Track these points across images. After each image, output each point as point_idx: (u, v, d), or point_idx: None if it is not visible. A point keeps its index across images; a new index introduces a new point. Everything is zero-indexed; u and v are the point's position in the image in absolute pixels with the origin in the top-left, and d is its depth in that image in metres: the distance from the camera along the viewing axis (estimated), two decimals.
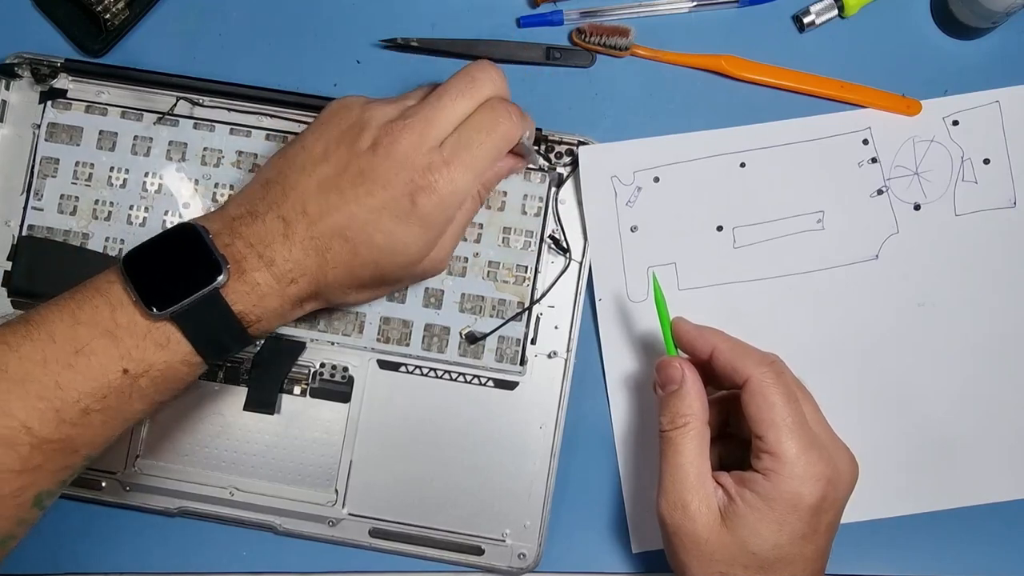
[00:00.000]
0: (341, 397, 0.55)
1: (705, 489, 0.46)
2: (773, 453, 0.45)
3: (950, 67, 0.57)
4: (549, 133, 0.55)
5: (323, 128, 0.47)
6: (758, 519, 0.44)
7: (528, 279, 0.55)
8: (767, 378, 0.46)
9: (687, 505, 0.45)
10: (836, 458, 0.46)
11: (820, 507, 0.45)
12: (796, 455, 0.44)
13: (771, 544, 0.44)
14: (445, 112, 0.46)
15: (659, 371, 0.49)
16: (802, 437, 0.45)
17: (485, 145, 0.46)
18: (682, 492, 0.46)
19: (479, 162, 0.46)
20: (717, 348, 0.48)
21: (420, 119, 0.45)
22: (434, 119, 0.45)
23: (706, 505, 0.45)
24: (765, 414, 0.45)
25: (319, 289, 0.46)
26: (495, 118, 0.46)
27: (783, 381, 0.46)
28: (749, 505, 0.45)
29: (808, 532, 0.45)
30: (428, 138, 0.45)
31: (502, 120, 0.46)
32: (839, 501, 0.46)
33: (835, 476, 0.45)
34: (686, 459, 0.46)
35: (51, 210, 0.56)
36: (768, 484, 0.45)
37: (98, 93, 0.56)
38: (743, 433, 0.48)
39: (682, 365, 0.48)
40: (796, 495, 0.44)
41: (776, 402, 0.45)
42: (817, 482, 0.44)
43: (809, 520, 0.44)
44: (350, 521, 0.54)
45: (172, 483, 0.54)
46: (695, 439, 0.46)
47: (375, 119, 0.46)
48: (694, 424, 0.47)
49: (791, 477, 0.44)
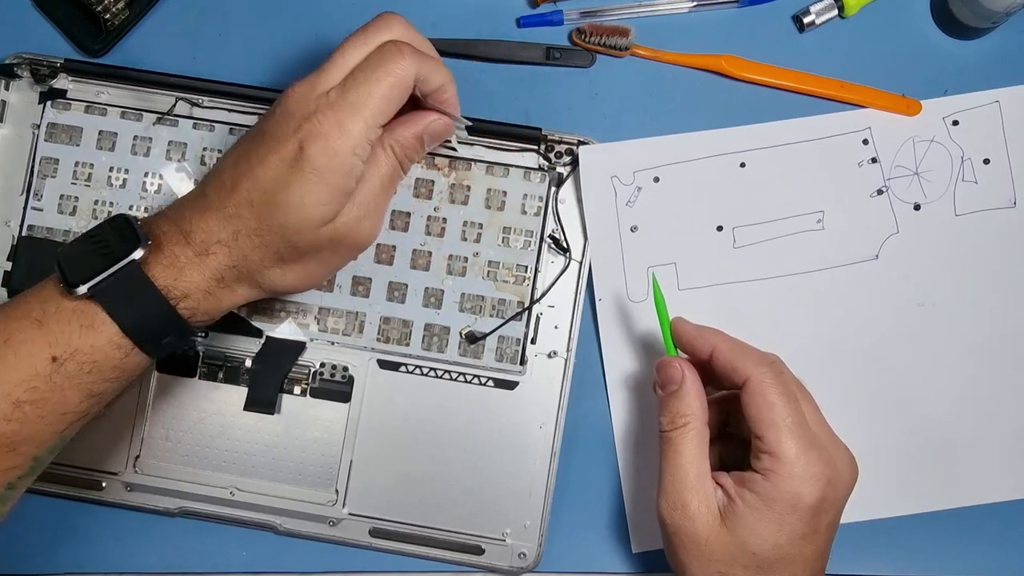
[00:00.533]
0: (341, 397, 0.55)
1: (705, 489, 0.46)
2: (772, 453, 0.45)
3: (950, 67, 0.57)
4: (549, 133, 0.55)
5: None
6: (758, 519, 0.44)
7: (528, 279, 0.55)
8: (767, 378, 0.46)
9: (687, 505, 0.45)
10: (836, 458, 0.46)
11: (820, 507, 0.45)
12: (795, 455, 0.44)
13: (771, 544, 0.44)
14: (335, 60, 0.44)
15: (659, 371, 0.49)
16: (802, 437, 0.45)
17: (371, 85, 0.43)
18: (682, 492, 0.46)
19: (367, 102, 0.43)
20: (717, 348, 0.48)
21: (314, 72, 0.44)
22: (325, 68, 0.44)
23: (706, 505, 0.45)
24: (764, 414, 0.45)
25: (239, 263, 0.44)
26: (383, 58, 0.44)
27: (783, 381, 0.46)
28: (748, 505, 0.45)
29: (808, 532, 0.45)
30: (316, 87, 0.44)
31: (391, 59, 0.43)
32: (839, 501, 0.46)
33: (835, 476, 0.45)
34: (686, 459, 0.46)
35: (51, 210, 0.56)
36: (768, 484, 0.45)
37: (98, 93, 0.56)
38: (743, 433, 0.48)
39: (682, 365, 0.48)
40: (795, 495, 0.44)
41: (776, 402, 0.45)
42: (816, 482, 0.44)
43: (809, 520, 0.45)
44: (350, 521, 0.54)
45: (173, 483, 0.54)
46: (695, 439, 0.46)
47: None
48: (694, 424, 0.47)
49: (790, 477, 0.44)
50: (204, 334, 0.55)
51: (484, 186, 0.55)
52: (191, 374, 0.55)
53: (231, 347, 0.55)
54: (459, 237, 0.55)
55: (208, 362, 0.55)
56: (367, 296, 0.55)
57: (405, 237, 0.55)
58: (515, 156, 0.56)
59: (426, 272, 0.55)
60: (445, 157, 0.56)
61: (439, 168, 0.56)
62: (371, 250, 0.55)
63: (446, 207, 0.55)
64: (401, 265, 0.55)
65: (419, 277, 0.55)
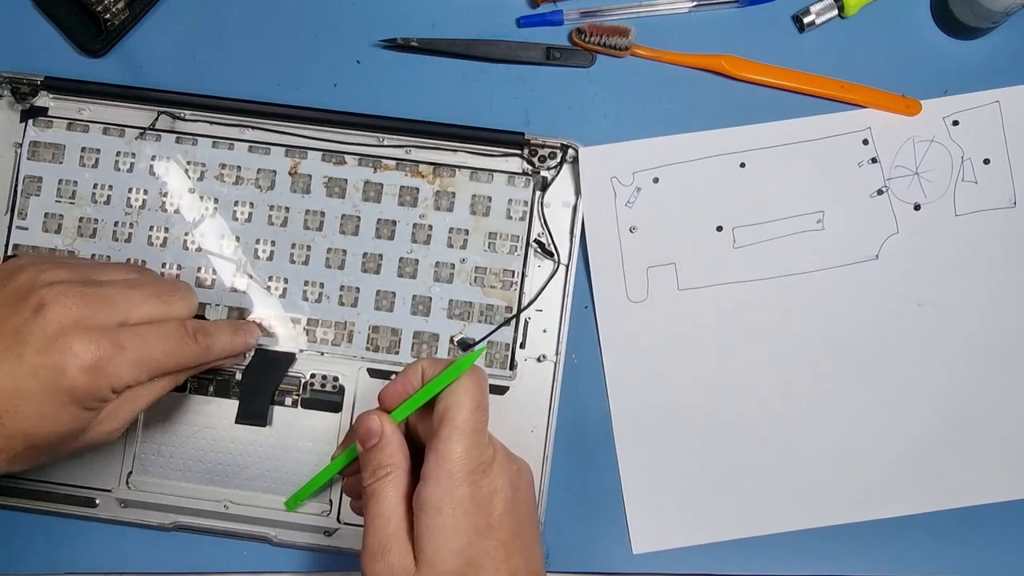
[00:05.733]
0: (332, 407, 0.55)
1: (406, 533, 0.43)
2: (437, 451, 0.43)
3: (950, 67, 0.57)
4: (532, 137, 0.55)
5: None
6: (432, 534, 0.42)
7: (515, 283, 0.55)
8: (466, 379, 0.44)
9: (387, 554, 0.42)
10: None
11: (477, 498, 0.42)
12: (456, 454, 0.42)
13: (454, 551, 0.42)
14: (133, 303, 0.45)
15: (358, 427, 0.45)
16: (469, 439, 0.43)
17: (163, 358, 0.45)
18: (382, 540, 0.42)
19: (150, 366, 0.45)
20: (424, 369, 0.46)
21: (102, 295, 0.44)
22: (119, 303, 0.45)
23: (406, 550, 0.42)
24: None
25: None
26: (183, 344, 0.47)
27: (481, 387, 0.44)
28: (422, 524, 0.42)
29: (481, 526, 0.42)
30: (102, 316, 0.44)
31: (187, 349, 0.47)
32: (499, 491, 0.44)
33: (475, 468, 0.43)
34: (387, 507, 0.43)
35: (36, 229, 0.55)
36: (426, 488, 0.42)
37: (79, 110, 0.56)
38: None
39: (380, 417, 0.45)
40: (450, 477, 0.42)
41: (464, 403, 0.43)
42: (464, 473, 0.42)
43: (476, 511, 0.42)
44: (346, 530, 0.54)
45: (166, 498, 0.54)
46: (397, 488, 0.44)
47: (48, 280, 0.44)
48: (396, 474, 0.44)
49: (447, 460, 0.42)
50: None
51: (469, 192, 0.55)
52: (181, 388, 0.54)
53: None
54: (445, 244, 0.55)
55: (198, 376, 0.54)
56: (355, 306, 0.55)
57: (392, 245, 0.55)
58: (499, 161, 0.56)
59: (413, 280, 0.55)
60: (429, 164, 0.56)
61: (423, 176, 0.56)
62: (358, 259, 0.55)
63: (431, 214, 0.55)
64: (388, 273, 0.55)
65: (407, 285, 0.55)
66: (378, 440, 0.45)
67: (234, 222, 0.56)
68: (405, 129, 0.55)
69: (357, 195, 0.56)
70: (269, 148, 0.56)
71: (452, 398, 0.43)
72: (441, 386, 0.44)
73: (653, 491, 0.55)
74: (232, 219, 0.55)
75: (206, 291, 0.55)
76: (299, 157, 0.56)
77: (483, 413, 0.44)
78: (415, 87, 0.57)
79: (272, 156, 0.56)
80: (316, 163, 0.56)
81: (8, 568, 0.55)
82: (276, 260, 0.55)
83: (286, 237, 0.55)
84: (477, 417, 0.43)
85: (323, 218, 0.55)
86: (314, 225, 0.55)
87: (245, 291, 0.55)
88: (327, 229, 0.55)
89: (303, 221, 0.55)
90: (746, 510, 0.55)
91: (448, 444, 0.42)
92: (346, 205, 0.56)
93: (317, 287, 0.55)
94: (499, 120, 0.56)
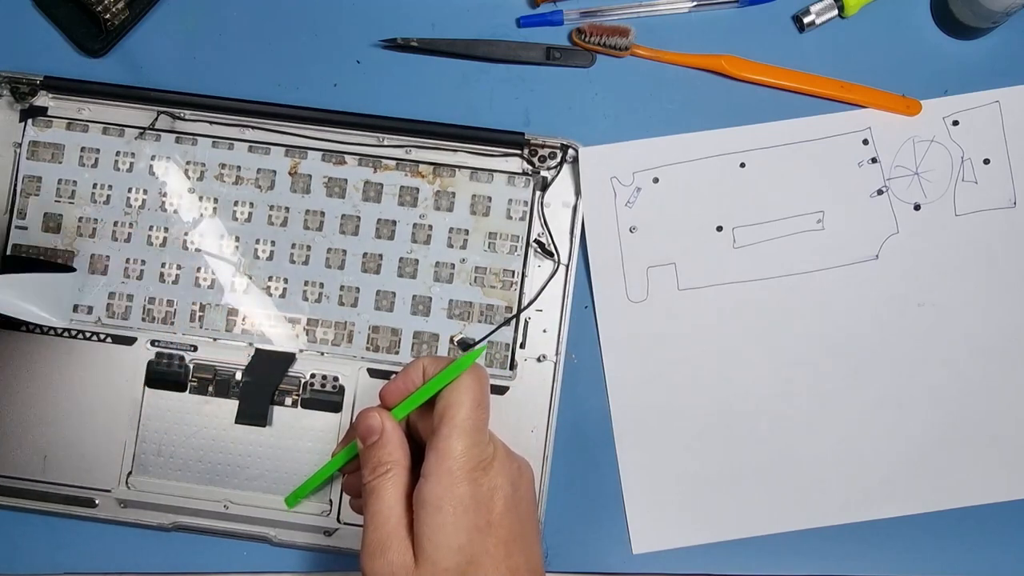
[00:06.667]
0: (332, 407, 0.55)
1: (405, 533, 0.43)
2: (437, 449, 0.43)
3: (950, 67, 0.57)
4: (532, 137, 0.55)
5: None
6: (432, 531, 0.42)
7: (515, 283, 0.55)
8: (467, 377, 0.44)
9: (386, 551, 0.42)
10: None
11: (477, 496, 0.42)
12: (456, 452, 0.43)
13: (454, 549, 0.42)
14: None
15: (358, 424, 0.45)
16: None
17: None
18: (382, 538, 0.42)
19: None
20: (425, 367, 0.45)
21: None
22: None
23: (405, 548, 0.42)
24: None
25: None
26: None
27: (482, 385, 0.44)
28: (422, 522, 0.42)
29: (482, 524, 0.42)
30: None
31: None
32: (501, 488, 0.44)
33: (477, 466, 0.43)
34: (386, 505, 0.43)
35: (35, 228, 0.56)
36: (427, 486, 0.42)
37: (79, 110, 0.56)
38: None
39: (380, 414, 0.45)
40: (451, 479, 0.42)
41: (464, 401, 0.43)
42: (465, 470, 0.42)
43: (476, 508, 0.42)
44: (346, 530, 0.54)
45: (166, 498, 0.54)
46: (397, 486, 0.44)
47: None
48: (396, 471, 0.44)
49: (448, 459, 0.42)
50: (194, 348, 0.55)
51: (469, 192, 0.55)
52: (181, 388, 0.54)
53: (221, 360, 0.55)
54: (445, 244, 0.55)
55: (198, 376, 0.54)
56: (355, 305, 0.55)
57: (392, 245, 0.55)
58: (499, 161, 0.56)
59: (413, 280, 0.55)
60: (429, 164, 0.56)
61: (423, 176, 0.56)
62: (358, 259, 0.55)
63: (431, 214, 0.55)
64: (388, 273, 0.55)
65: (407, 285, 0.55)
66: (379, 437, 0.45)
67: (234, 222, 0.56)
68: (405, 129, 0.56)
69: (357, 195, 0.56)
70: (269, 148, 0.56)
71: (453, 396, 0.44)
72: (442, 384, 0.44)
73: (653, 491, 0.55)
74: (232, 219, 0.56)
75: (206, 291, 0.55)
76: (299, 157, 0.56)
77: (484, 411, 0.44)
78: (415, 87, 0.57)
79: (272, 156, 0.56)
80: (316, 163, 0.56)
81: (8, 568, 0.55)
82: (276, 260, 0.55)
83: (286, 237, 0.55)
84: (478, 415, 0.43)
85: (323, 218, 0.55)
86: (314, 225, 0.55)
87: (245, 291, 0.55)
88: (327, 229, 0.55)
89: (303, 221, 0.55)
90: (746, 510, 0.55)
91: (448, 442, 0.42)
92: (346, 205, 0.56)
93: (317, 287, 0.55)
94: (499, 120, 0.56)
